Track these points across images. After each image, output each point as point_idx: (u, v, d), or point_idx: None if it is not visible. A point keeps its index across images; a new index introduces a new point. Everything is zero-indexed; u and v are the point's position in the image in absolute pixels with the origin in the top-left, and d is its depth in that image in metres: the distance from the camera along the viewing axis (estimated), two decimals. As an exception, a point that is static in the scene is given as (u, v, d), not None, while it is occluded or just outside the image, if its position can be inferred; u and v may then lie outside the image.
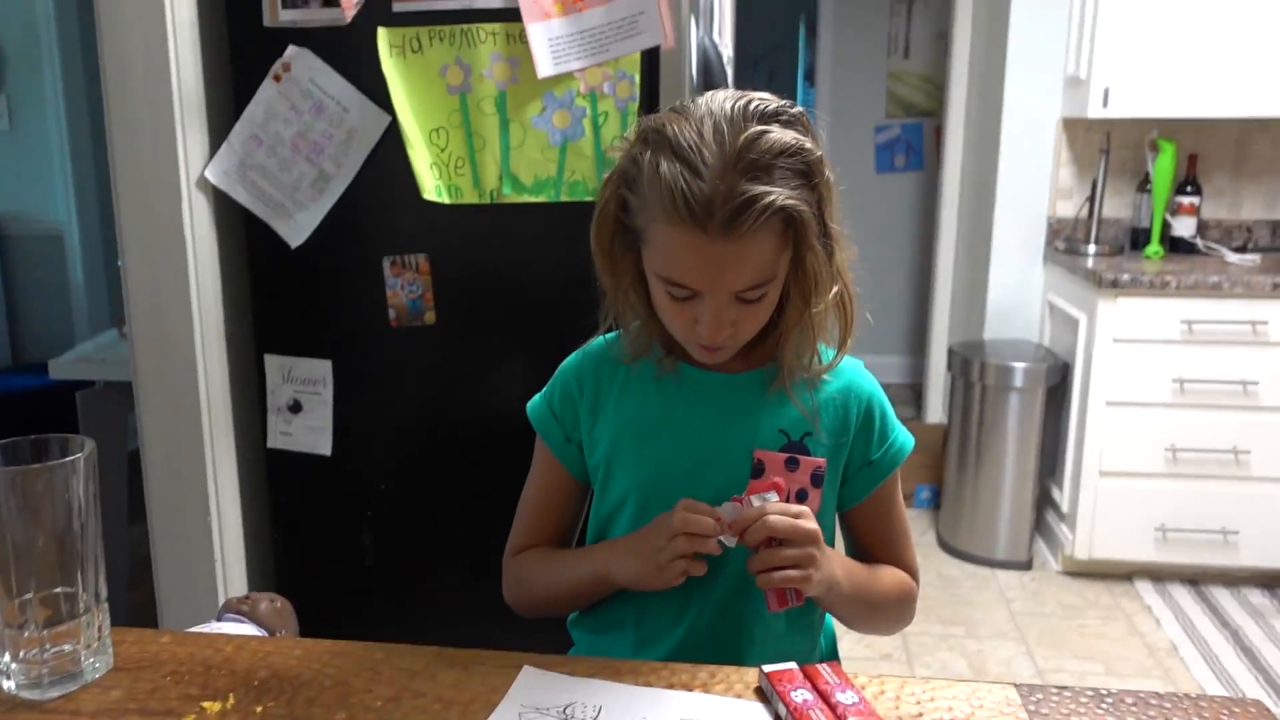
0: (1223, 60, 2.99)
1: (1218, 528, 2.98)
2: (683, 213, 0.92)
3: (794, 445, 1.06)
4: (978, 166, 3.84)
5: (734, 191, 0.91)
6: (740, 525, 0.96)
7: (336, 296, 1.69)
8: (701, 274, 0.95)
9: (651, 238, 0.98)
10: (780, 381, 1.07)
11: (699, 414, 1.07)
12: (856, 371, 1.12)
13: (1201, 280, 2.87)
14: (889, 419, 1.12)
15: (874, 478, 1.10)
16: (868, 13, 4.98)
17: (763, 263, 0.96)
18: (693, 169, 0.92)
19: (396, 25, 1.61)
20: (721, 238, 0.92)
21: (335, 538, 1.76)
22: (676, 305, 0.99)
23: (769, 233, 0.94)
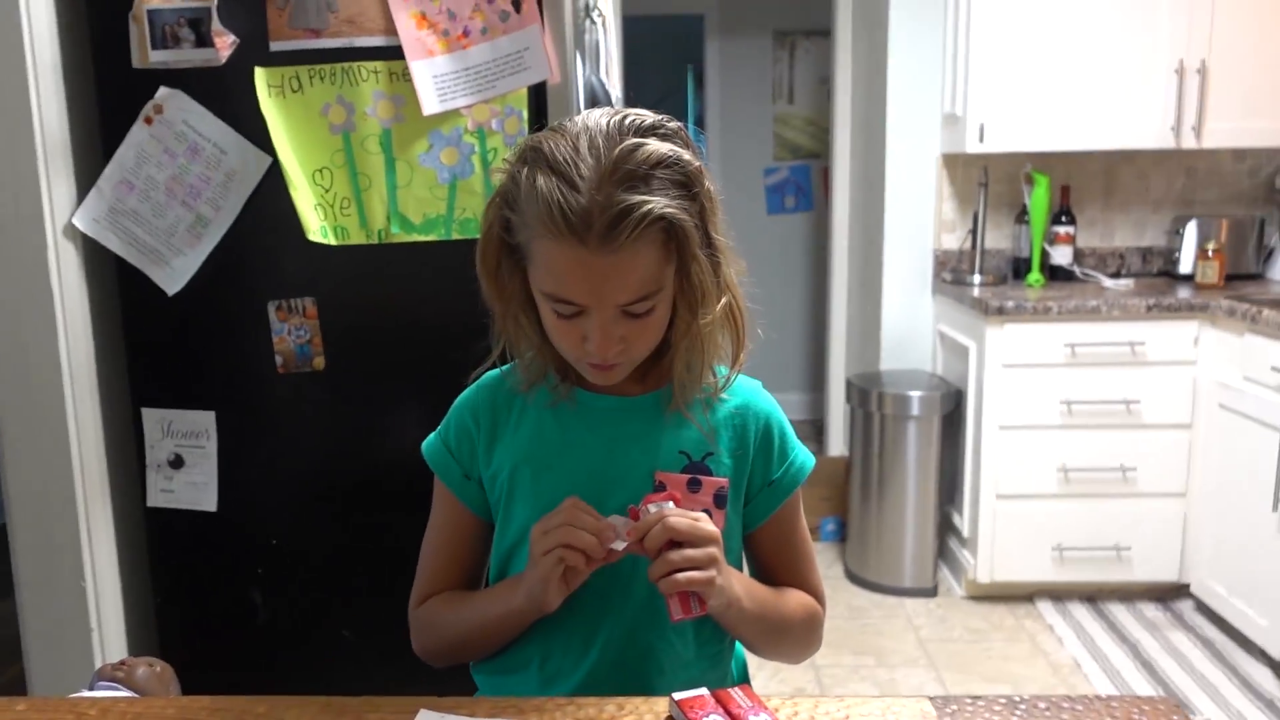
0: (1089, 96, 3.15)
1: (1111, 544, 3.07)
2: (561, 226, 0.91)
3: (695, 466, 1.04)
4: (865, 204, 3.95)
5: (611, 202, 0.91)
6: (640, 531, 0.94)
7: (219, 344, 1.62)
8: (584, 288, 0.94)
9: (534, 255, 0.97)
10: (677, 402, 1.05)
11: (597, 439, 1.05)
12: (754, 392, 1.12)
13: (1081, 305, 2.98)
14: (788, 438, 1.11)
15: (775, 497, 1.10)
16: (752, 60, 5.11)
17: (646, 274, 0.95)
18: (569, 182, 0.92)
19: (274, 65, 1.57)
20: (601, 249, 0.91)
21: (223, 598, 1.67)
22: (564, 324, 0.98)
23: (650, 244, 0.94)
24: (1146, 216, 3.56)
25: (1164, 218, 3.54)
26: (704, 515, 0.96)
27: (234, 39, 1.55)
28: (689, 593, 0.93)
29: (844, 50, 4.08)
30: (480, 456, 1.09)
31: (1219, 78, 3.12)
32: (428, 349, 1.62)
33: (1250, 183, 3.53)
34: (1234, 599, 2.83)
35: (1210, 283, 3.20)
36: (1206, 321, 2.97)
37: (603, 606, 1.04)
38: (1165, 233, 3.53)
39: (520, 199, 0.96)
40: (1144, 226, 3.57)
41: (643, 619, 1.04)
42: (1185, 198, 3.54)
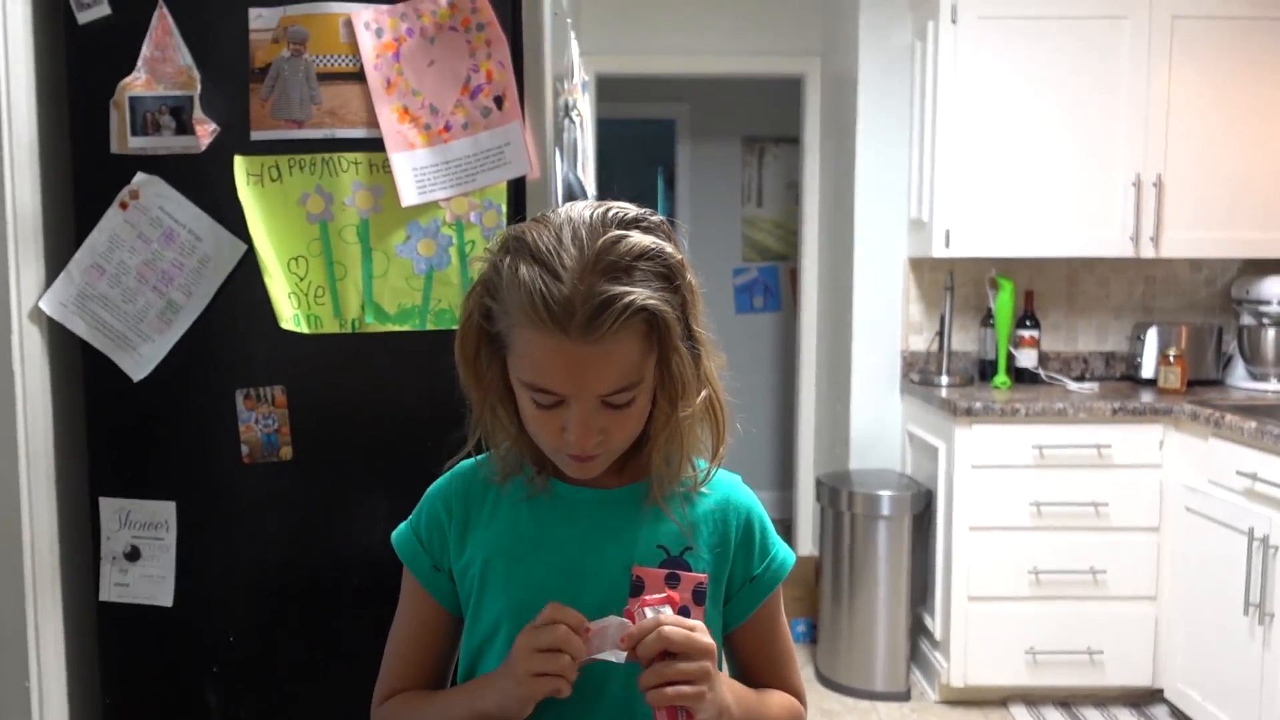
0: (1050, 205, 3.24)
1: (1083, 648, 3.04)
2: (543, 315, 0.91)
3: (674, 561, 1.02)
4: (833, 305, 4.00)
5: (593, 292, 0.91)
6: (635, 638, 0.91)
7: (183, 432, 1.58)
8: (565, 378, 0.93)
9: (514, 344, 0.96)
10: (655, 495, 1.03)
11: (572, 532, 1.03)
12: (734, 486, 1.11)
13: (1048, 407, 3.01)
14: (769, 533, 1.10)
15: (757, 594, 1.08)
16: (721, 164, 5.23)
17: (627, 365, 0.94)
18: (552, 272, 0.92)
19: (254, 153, 1.57)
20: (583, 339, 0.91)
21: (177, 698, 1.59)
22: (543, 414, 0.97)
23: (631, 334, 0.93)
24: (1108, 322, 3.63)
25: (1125, 323, 3.62)
26: (700, 624, 0.94)
27: (215, 127, 1.56)
28: (677, 706, 0.91)
29: (812, 157, 4.19)
30: (451, 547, 1.06)
31: (1174, 191, 3.22)
32: (399, 440, 1.59)
33: (1207, 291, 3.62)
34: (1208, 704, 2.79)
35: (1173, 388, 3.25)
36: (1171, 426, 3.00)
37: (577, 710, 1.00)
38: (1127, 338, 3.60)
39: (501, 288, 0.96)
40: (1106, 331, 3.64)
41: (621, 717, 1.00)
42: (1145, 304, 3.63)
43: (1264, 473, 2.57)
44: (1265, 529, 2.54)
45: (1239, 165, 3.23)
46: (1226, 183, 3.23)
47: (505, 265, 0.96)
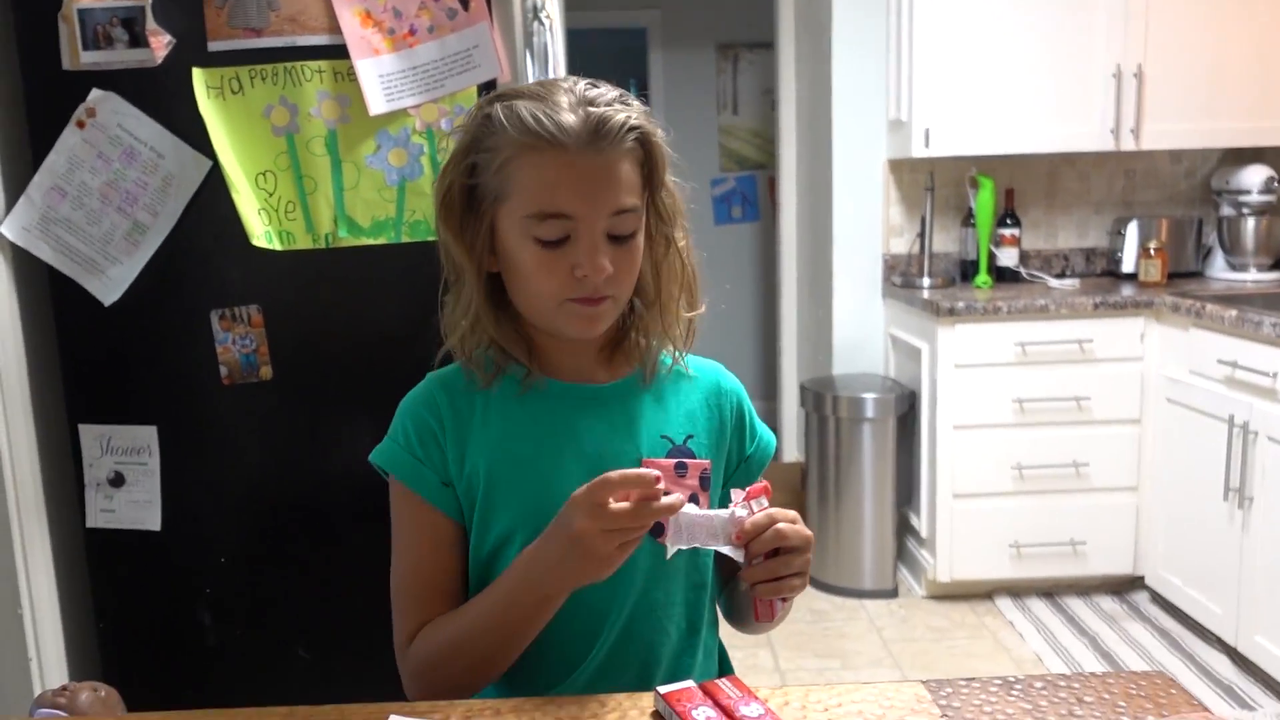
0: (1030, 101, 3.19)
1: (1066, 539, 3.09)
2: (550, 131, 0.94)
3: (679, 450, 1.03)
4: (812, 212, 3.96)
5: (590, 113, 0.95)
6: (750, 534, 0.90)
7: (160, 356, 1.56)
8: (575, 194, 0.95)
9: (515, 179, 0.96)
10: (646, 377, 1.05)
11: (576, 429, 1.02)
12: (719, 371, 1.13)
13: (1030, 304, 3.01)
14: (754, 415, 1.13)
15: (750, 474, 1.09)
16: (696, 73, 5.12)
17: (629, 184, 0.97)
18: (548, 102, 0.96)
19: (213, 65, 1.52)
20: (589, 151, 0.94)
21: (171, 620, 1.59)
22: (549, 256, 0.96)
23: (629, 157, 0.97)
24: (1089, 217, 3.62)
25: (1105, 218, 3.60)
26: (797, 516, 0.94)
27: (170, 39, 1.50)
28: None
29: (787, 61, 4.11)
30: (451, 457, 1.02)
31: (1155, 82, 3.18)
32: (379, 355, 1.57)
33: (1187, 184, 3.60)
34: (1188, 588, 2.86)
35: (1153, 281, 3.26)
36: (1152, 318, 3.01)
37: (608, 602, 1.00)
38: (1107, 233, 3.58)
39: (493, 133, 0.97)
40: (1086, 227, 3.62)
41: (640, 614, 1.01)
42: (1125, 199, 3.61)
43: (1244, 360, 2.59)
44: (1245, 415, 2.56)
45: (1219, 54, 3.18)
46: (1206, 72, 3.19)
47: (496, 110, 0.98)
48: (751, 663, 2.78)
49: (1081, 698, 0.76)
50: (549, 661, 1.01)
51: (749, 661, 2.78)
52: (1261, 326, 2.50)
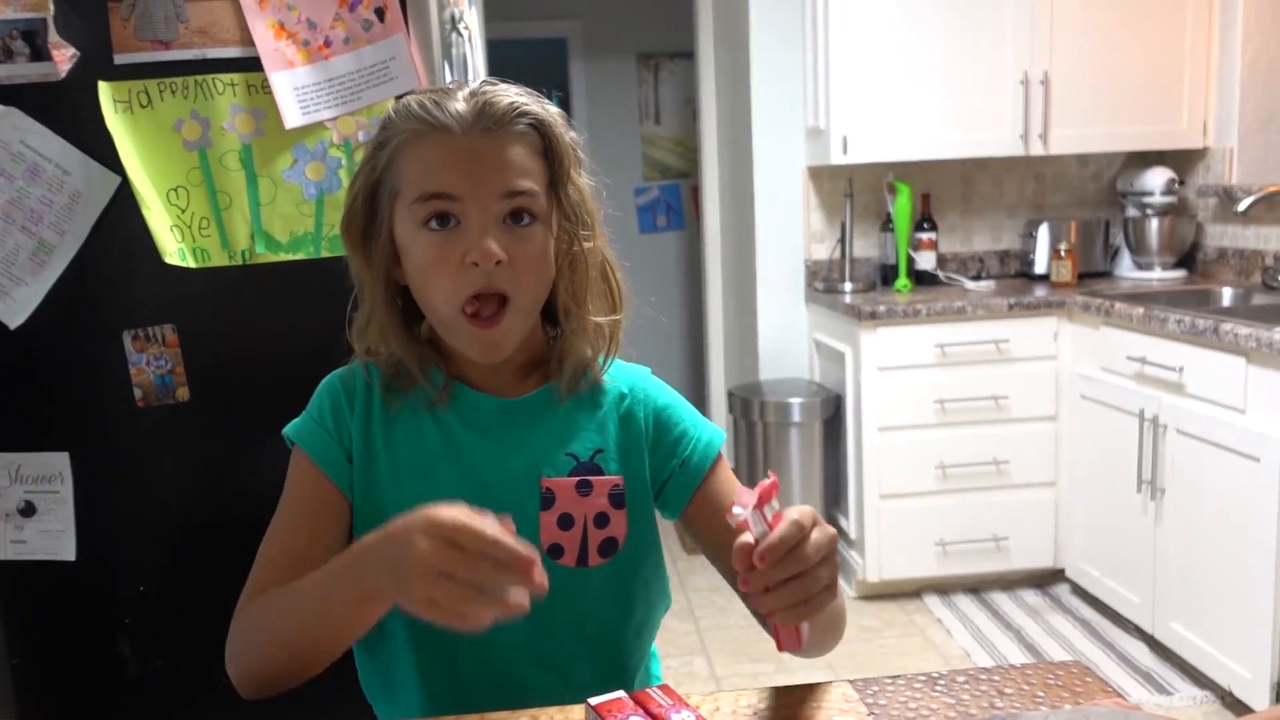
0: (943, 107, 3.27)
1: (989, 536, 3.17)
2: (435, 116, 0.94)
3: (585, 467, 1.01)
4: (735, 219, 4.00)
5: (478, 99, 0.95)
6: (777, 552, 0.73)
7: (70, 380, 1.51)
8: (460, 174, 0.93)
9: (403, 167, 0.96)
10: (562, 392, 1.02)
11: (480, 443, 1.01)
12: (640, 377, 1.09)
13: (948, 306, 3.08)
14: (686, 419, 1.07)
15: (690, 479, 1.04)
16: (617, 83, 5.15)
17: (522, 167, 0.95)
18: (440, 93, 0.97)
19: (120, 79, 1.48)
20: (475, 133, 0.94)
21: (89, 654, 1.54)
22: (439, 243, 0.94)
23: (522, 141, 0.96)
24: (1002, 220, 3.72)
25: (1018, 221, 3.71)
26: (810, 510, 0.78)
27: (74, 52, 1.45)
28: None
29: (707, 71, 4.15)
30: (356, 441, 1.02)
31: (1060, 88, 3.29)
32: (300, 372, 1.53)
33: (1094, 186, 3.73)
34: (1106, 579, 2.95)
35: (1065, 281, 3.36)
36: (1064, 317, 3.10)
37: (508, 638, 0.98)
38: (1020, 235, 3.69)
39: (386, 129, 0.98)
40: (1000, 230, 3.72)
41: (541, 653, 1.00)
42: (1036, 202, 3.72)
43: (1152, 356, 2.68)
44: (1155, 409, 2.66)
45: (1121, 61, 3.30)
46: (1109, 78, 3.31)
47: (391, 111, 1.00)
48: (687, 670, 2.79)
49: (1002, 689, 0.78)
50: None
51: (684, 669, 2.79)
52: (1167, 323, 2.60)
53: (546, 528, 1.00)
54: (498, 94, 0.96)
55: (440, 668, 1.01)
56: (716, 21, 4.07)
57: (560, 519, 1.00)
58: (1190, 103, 3.34)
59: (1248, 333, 2.31)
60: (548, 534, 1.00)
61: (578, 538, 1.00)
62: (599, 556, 1.01)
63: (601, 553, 1.01)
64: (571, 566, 1.00)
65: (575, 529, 1.00)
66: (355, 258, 1.02)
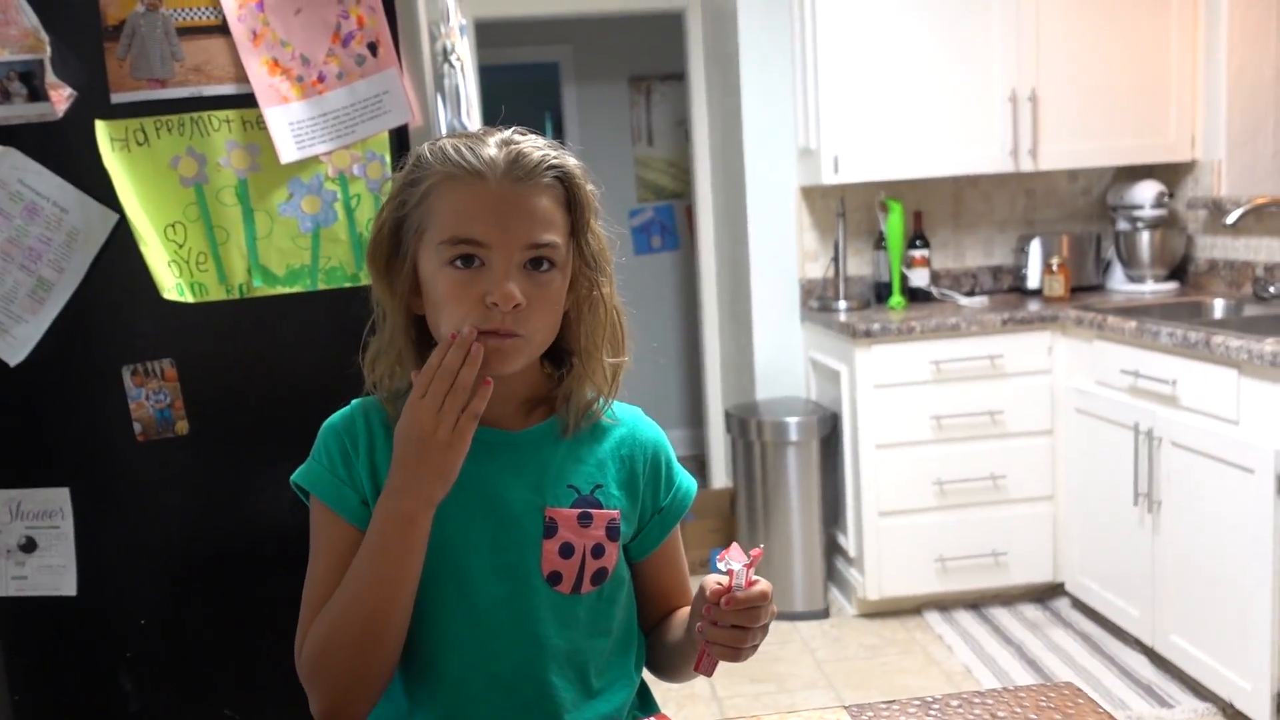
0: (933, 125, 3.30)
1: (988, 551, 3.17)
2: (469, 162, 0.97)
3: (585, 500, 1.03)
4: (730, 239, 4.02)
5: (510, 149, 0.99)
6: (743, 605, 0.95)
7: (70, 415, 1.52)
8: (489, 223, 0.96)
9: (434, 209, 0.98)
10: (568, 427, 1.04)
11: (484, 475, 1.02)
12: (637, 418, 1.13)
13: (942, 323, 3.10)
14: (673, 464, 1.13)
15: (665, 525, 1.10)
16: (610, 105, 5.18)
17: (548, 219, 0.98)
18: (474, 139, 1.00)
19: (117, 118, 1.50)
20: (506, 181, 0.97)
21: (90, 688, 1.55)
22: (463, 280, 0.97)
23: (550, 196, 0.99)
24: (993, 236, 3.74)
25: (1009, 237, 3.73)
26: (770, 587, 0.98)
27: (71, 91, 1.47)
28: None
29: (699, 93, 4.18)
30: (365, 484, 1.04)
31: (1049, 104, 3.32)
32: (298, 404, 1.55)
33: (1084, 200, 3.76)
34: (1106, 592, 2.95)
35: (1057, 295, 3.38)
36: (1058, 331, 3.12)
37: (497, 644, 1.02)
38: (1012, 251, 3.71)
39: (419, 168, 1.01)
40: (992, 246, 3.75)
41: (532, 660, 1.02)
42: (1027, 217, 3.74)
43: (1145, 369, 2.70)
44: (1149, 422, 2.67)
45: (1107, 76, 3.33)
46: (1097, 93, 3.34)
47: (425, 148, 1.02)
48: (689, 692, 2.79)
49: (995, 713, 0.79)
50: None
51: (686, 691, 2.79)
52: (1160, 336, 2.62)
53: (548, 555, 1.02)
54: (529, 145, 1.00)
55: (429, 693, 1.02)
56: (707, 44, 4.10)
57: (562, 547, 1.03)
58: (1177, 116, 3.37)
59: (1239, 345, 2.33)
60: (549, 561, 1.02)
61: (576, 566, 1.03)
62: (590, 584, 1.05)
63: (594, 581, 1.05)
64: (566, 594, 1.02)
65: (575, 558, 1.03)
66: (379, 284, 1.04)
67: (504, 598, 1.02)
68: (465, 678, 1.02)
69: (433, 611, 1.02)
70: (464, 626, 1.02)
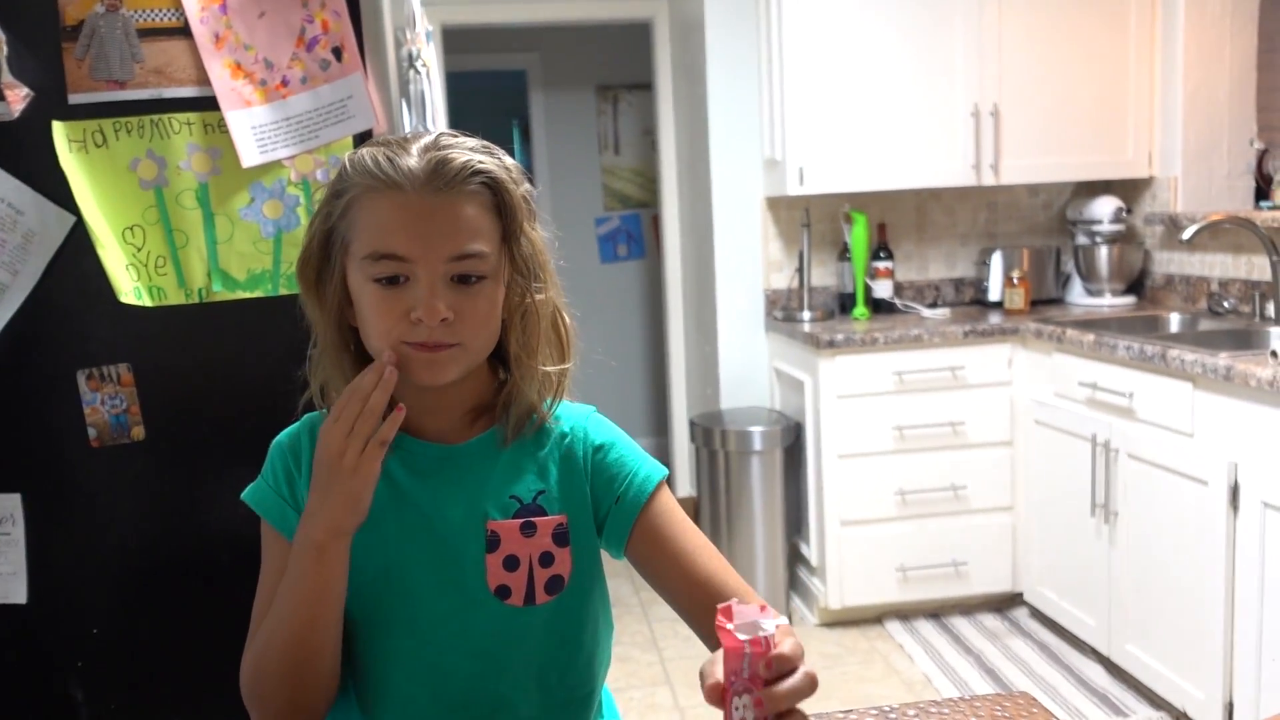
0: (897, 138, 3.34)
1: (949, 561, 3.20)
2: (388, 173, 0.94)
3: (528, 509, 1.02)
4: (696, 249, 4.04)
5: (434, 156, 0.95)
6: (781, 669, 0.79)
7: (23, 419, 1.49)
8: (411, 237, 0.93)
9: (357, 223, 0.96)
10: (507, 437, 1.03)
11: (424, 491, 1.02)
12: (583, 418, 1.10)
13: (905, 334, 3.12)
14: (626, 456, 1.08)
15: (626, 513, 1.05)
16: (577, 114, 5.18)
17: (474, 226, 0.95)
18: (394, 146, 0.97)
19: (75, 119, 1.48)
20: (427, 192, 0.94)
21: (39, 699, 1.52)
22: (388, 297, 0.94)
23: (475, 202, 0.96)
24: (956, 249, 3.78)
25: (972, 250, 3.77)
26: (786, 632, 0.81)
27: (27, 91, 1.45)
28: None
29: (666, 102, 4.20)
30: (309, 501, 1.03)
31: (1010, 119, 3.36)
32: (257, 410, 1.54)
33: (1045, 215, 3.81)
34: (1063, 602, 2.99)
35: (1018, 308, 3.42)
36: (1018, 344, 3.16)
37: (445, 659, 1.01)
38: (974, 263, 3.75)
39: (342, 179, 0.98)
40: (954, 258, 3.79)
41: (485, 673, 1.01)
42: (989, 230, 3.79)
43: (1103, 381, 2.74)
44: (1106, 434, 2.71)
45: (1068, 93, 3.39)
46: (1057, 110, 3.39)
47: (348, 160, 1.00)
48: (650, 701, 2.78)
49: (952, 722, 0.79)
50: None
51: (648, 700, 2.78)
52: (1117, 350, 2.66)
53: (493, 570, 1.01)
54: (452, 151, 0.96)
55: (382, 709, 1.02)
56: (674, 54, 4.12)
57: (505, 560, 1.01)
58: (1135, 134, 3.43)
59: (1194, 359, 2.37)
60: (495, 576, 1.01)
61: (524, 578, 1.02)
62: (545, 594, 1.02)
63: (548, 590, 1.03)
64: (519, 606, 1.01)
65: (521, 569, 1.02)
66: (309, 300, 1.03)
67: (450, 614, 1.01)
68: (415, 695, 1.01)
69: (381, 630, 1.02)
70: (412, 644, 1.01)
